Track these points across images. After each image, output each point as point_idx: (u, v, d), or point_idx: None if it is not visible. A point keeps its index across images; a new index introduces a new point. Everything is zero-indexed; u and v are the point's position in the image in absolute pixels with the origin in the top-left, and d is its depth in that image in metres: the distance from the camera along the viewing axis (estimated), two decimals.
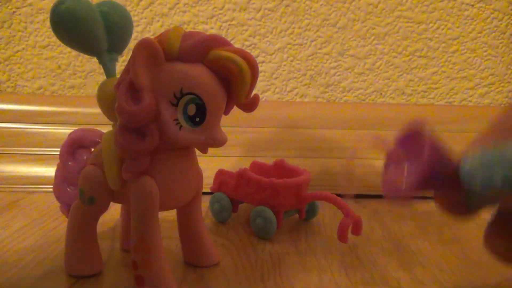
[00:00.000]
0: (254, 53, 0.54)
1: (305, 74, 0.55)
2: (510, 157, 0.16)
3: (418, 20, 0.53)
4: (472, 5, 0.53)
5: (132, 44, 0.29)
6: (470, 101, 0.56)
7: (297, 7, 0.53)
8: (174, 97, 0.24)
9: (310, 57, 0.54)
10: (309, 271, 0.31)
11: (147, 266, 0.26)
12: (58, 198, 0.33)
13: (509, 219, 0.19)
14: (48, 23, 0.52)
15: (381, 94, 0.55)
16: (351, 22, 0.54)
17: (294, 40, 0.54)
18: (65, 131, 0.44)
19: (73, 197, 0.30)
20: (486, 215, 0.21)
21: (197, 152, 0.28)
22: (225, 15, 0.53)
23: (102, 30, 0.27)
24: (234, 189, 0.39)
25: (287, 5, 0.53)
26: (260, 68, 0.54)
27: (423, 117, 0.52)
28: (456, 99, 0.56)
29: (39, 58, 0.54)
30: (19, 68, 0.54)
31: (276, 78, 0.55)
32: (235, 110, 0.27)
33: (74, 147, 0.32)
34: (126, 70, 0.25)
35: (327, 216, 0.42)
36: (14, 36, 0.53)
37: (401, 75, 0.55)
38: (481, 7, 0.53)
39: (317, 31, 0.54)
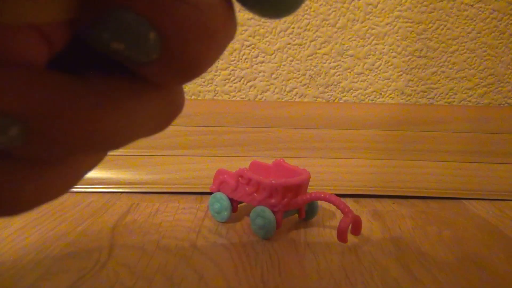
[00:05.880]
0: (253, 53, 0.54)
1: (304, 74, 0.55)
2: None
3: (418, 20, 0.53)
4: (472, 5, 0.53)
5: None
6: (470, 101, 0.56)
7: None
8: None
9: (310, 57, 0.54)
10: (309, 271, 0.31)
11: None
12: None
13: None
14: None
15: (380, 94, 0.55)
16: (351, 22, 0.54)
17: (294, 40, 0.54)
18: None
19: None
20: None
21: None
22: None
23: None
24: (234, 189, 0.39)
25: None
26: (259, 68, 0.54)
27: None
28: (456, 99, 0.56)
29: None
30: None
31: (275, 78, 0.55)
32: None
33: None
34: None
35: (327, 216, 0.42)
36: None
37: (400, 75, 0.55)
38: (481, 7, 0.53)
39: (317, 31, 0.54)
